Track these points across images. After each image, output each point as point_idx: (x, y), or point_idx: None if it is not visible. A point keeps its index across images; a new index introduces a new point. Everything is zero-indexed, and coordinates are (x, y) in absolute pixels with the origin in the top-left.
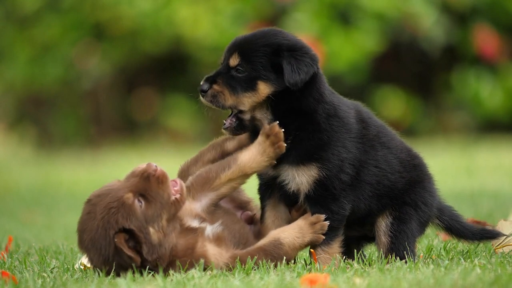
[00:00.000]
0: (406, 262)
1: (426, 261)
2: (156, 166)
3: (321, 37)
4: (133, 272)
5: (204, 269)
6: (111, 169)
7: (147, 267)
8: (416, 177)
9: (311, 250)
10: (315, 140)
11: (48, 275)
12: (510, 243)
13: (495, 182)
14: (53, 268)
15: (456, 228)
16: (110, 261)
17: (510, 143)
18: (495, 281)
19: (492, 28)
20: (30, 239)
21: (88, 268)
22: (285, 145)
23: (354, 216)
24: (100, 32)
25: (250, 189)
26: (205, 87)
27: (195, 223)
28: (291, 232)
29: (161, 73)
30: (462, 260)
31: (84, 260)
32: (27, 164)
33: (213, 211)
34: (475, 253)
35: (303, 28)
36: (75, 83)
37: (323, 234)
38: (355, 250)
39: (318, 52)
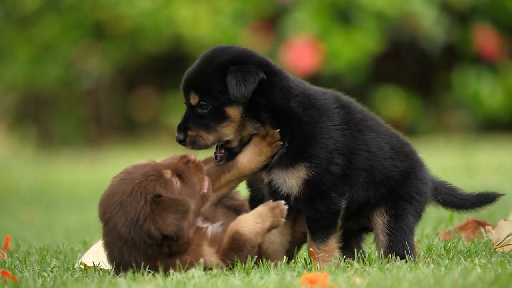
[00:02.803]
0: (406, 261)
1: (427, 261)
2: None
3: (321, 36)
4: (134, 272)
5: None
6: (111, 169)
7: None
8: (409, 168)
9: (311, 249)
10: (300, 137)
11: (48, 275)
12: (510, 243)
13: (495, 181)
14: (53, 267)
15: (453, 202)
16: (138, 225)
17: (510, 143)
18: (496, 280)
19: (492, 27)
20: (30, 239)
21: (88, 267)
22: (282, 143)
23: (353, 205)
24: (100, 32)
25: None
26: (181, 137)
27: (199, 222)
28: (249, 220)
29: (161, 73)
30: (462, 259)
31: (85, 259)
32: (27, 164)
33: (214, 210)
34: (475, 252)
35: (303, 28)
36: (75, 83)
37: (318, 233)
38: (355, 250)
39: (318, 51)
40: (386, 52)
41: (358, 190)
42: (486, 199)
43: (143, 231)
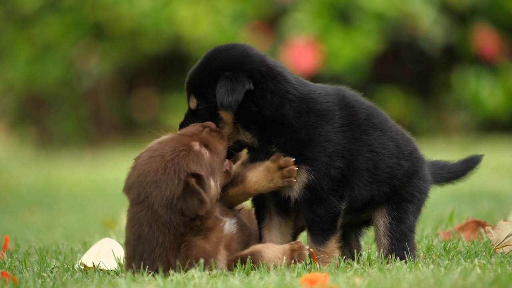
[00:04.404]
0: (406, 262)
1: (426, 261)
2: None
3: (321, 36)
4: (133, 273)
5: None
6: (111, 169)
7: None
8: (413, 167)
9: (311, 250)
10: (296, 142)
11: (48, 275)
12: (510, 243)
13: (495, 182)
14: (53, 268)
15: (446, 178)
16: (173, 204)
17: (510, 143)
18: (495, 281)
19: (492, 28)
20: (30, 239)
21: (88, 268)
22: (295, 180)
23: (357, 204)
24: (100, 32)
25: None
26: None
27: (217, 212)
28: (276, 250)
29: (161, 73)
30: (462, 260)
31: (84, 259)
32: (27, 164)
33: (226, 210)
34: (475, 253)
35: (303, 28)
36: (75, 83)
37: (318, 235)
38: (355, 250)
39: (318, 51)
40: (386, 52)
41: (361, 190)
42: (472, 163)
43: (178, 210)
